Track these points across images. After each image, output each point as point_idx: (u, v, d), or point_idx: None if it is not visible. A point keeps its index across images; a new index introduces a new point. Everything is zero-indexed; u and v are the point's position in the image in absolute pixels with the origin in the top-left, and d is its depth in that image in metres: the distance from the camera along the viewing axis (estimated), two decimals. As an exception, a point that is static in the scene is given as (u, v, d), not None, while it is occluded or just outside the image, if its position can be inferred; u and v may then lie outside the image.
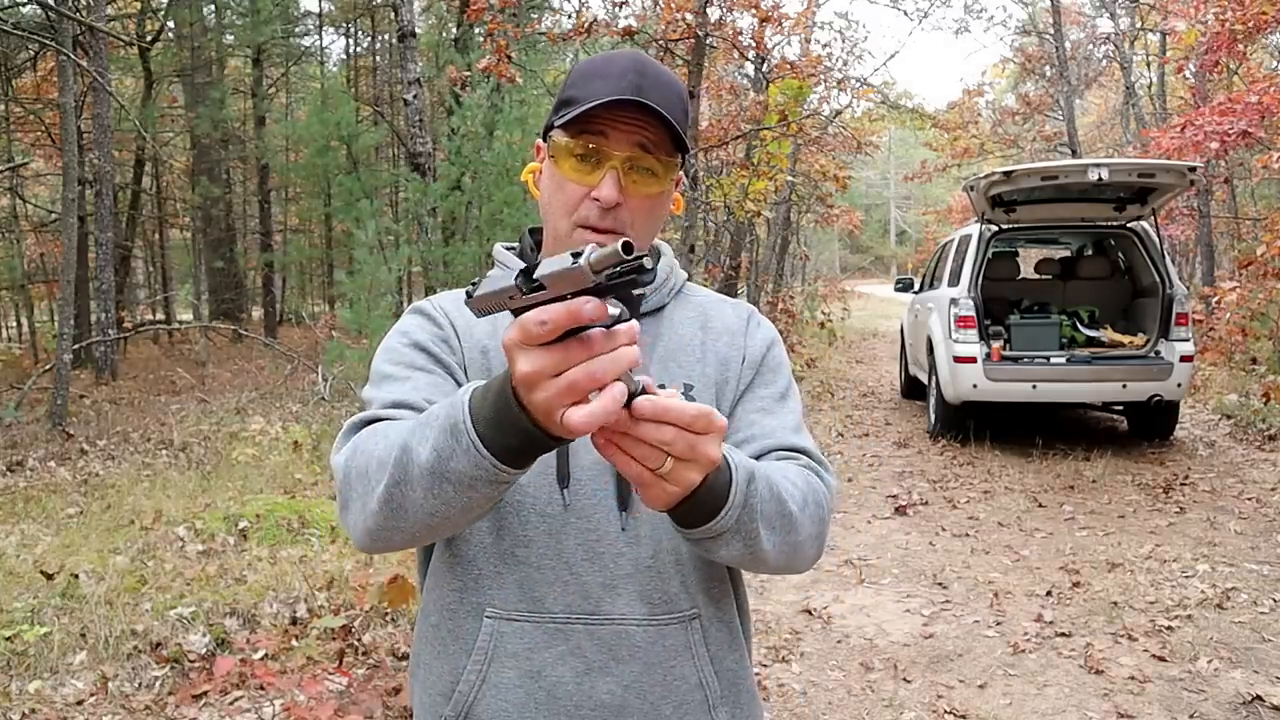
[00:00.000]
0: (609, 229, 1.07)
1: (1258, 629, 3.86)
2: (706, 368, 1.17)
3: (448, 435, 0.81)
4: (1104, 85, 23.20)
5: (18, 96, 14.32)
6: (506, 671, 1.08)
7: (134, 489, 5.88)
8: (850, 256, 52.33)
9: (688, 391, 1.14)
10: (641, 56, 1.11)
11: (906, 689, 3.41)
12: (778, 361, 1.22)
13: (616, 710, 1.08)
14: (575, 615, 1.08)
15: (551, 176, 1.10)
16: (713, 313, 1.23)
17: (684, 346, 1.17)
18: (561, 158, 1.08)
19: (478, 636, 1.09)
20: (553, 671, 1.07)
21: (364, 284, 7.34)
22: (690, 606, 1.13)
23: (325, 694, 2.98)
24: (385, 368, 1.12)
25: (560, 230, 1.10)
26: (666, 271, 1.21)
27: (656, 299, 1.19)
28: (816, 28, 17.70)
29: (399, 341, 1.14)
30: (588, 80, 1.08)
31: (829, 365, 13.88)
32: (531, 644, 1.08)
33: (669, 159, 1.09)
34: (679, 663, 1.12)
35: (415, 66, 9.37)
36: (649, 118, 1.06)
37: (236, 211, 21.12)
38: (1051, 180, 7.17)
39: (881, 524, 5.56)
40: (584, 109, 1.04)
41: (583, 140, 1.06)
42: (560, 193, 1.09)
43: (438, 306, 1.18)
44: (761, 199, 12.58)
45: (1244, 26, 9.48)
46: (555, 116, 1.10)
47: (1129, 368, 7.06)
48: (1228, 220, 15.59)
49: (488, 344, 1.13)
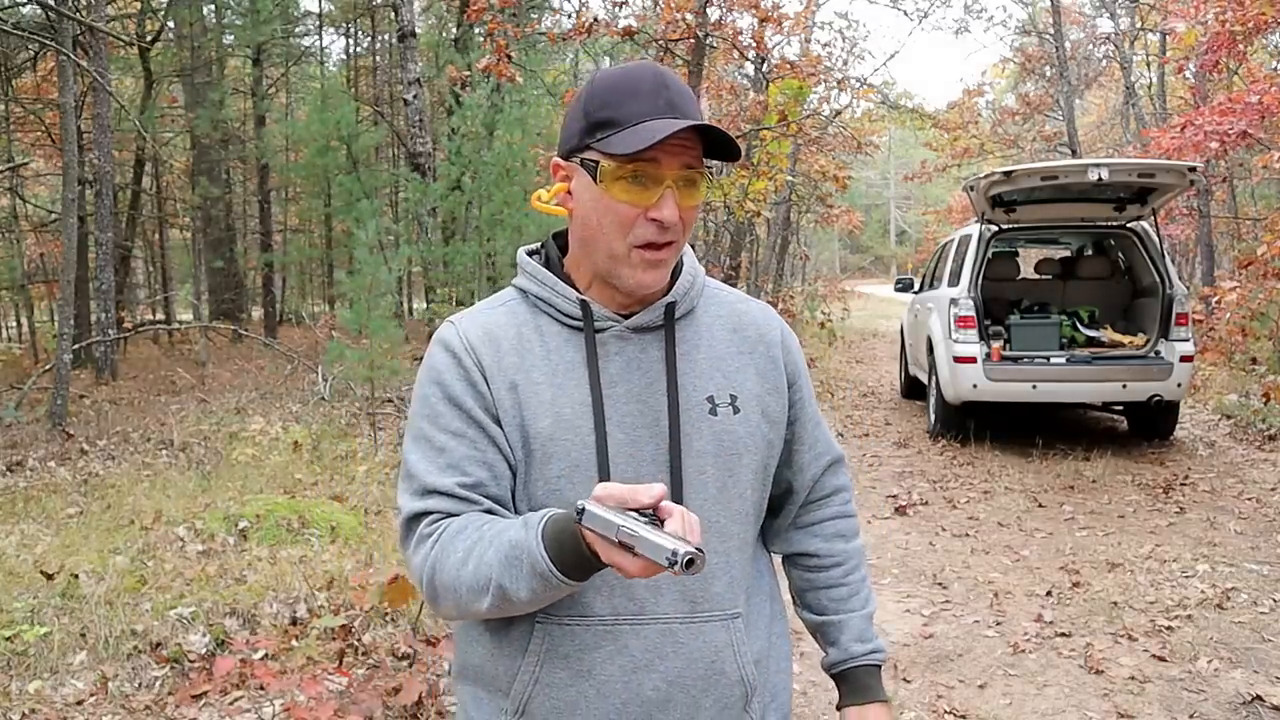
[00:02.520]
0: (667, 243, 1.11)
1: (1258, 629, 3.86)
2: (747, 380, 1.22)
3: (539, 582, 1.01)
4: (1104, 85, 23.20)
5: (18, 96, 14.31)
6: (559, 672, 1.13)
7: (134, 489, 5.88)
8: (850, 256, 52.34)
9: (734, 403, 1.19)
10: (660, 69, 1.14)
11: (906, 689, 3.42)
12: (805, 367, 1.32)
13: (661, 704, 1.13)
14: (622, 617, 1.12)
15: (599, 199, 1.10)
16: (743, 315, 1.27)
17: (724, 355, 1.22)
18: (611, 181, 1.09)
19: (530, 640, 1.13)
20: (602, 670, 1.12)
21: (364, 284, 7.34)
22: (732, 606, 1.18)
23: (325, 694, 2.98)
24: (424, 427, 1.15)
25: (617, 251, 1.12)
26: (694, 274, 1.23)
27: (687, 303, 1.21)
28: (816, 28, 17.73)
29: (434, 394, 1.15)
30: (621, 100, 1.09)
31: (829, 365, 13.87)
32: (581, 645, 1.12)
33: (703, 168, 1.12)
34: (720, 659, 1.16)
35: (415, 66, 9.37)
36: (692, 134, 1.09)
37: (236, 211, 21.10)
38: (1051, 180, 7.16)
39: (881, 524, 5.56)
40: (658, 140, 1.05)
41: (636, 165, 1.08)
42: (611, 215, 1.10)
43: (464, 341, 1.16)
44: (761, 199, 12.58)
45: (1244, 27, 9.47)
46: (593, 139, 1.10)
47: (1129, 368, 7.06)
48: (1228, 220, 15.58)
49: (516, 379, 1.14)
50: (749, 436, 1.19)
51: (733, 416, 1.18)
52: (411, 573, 1.13)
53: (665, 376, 1.16)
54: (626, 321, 1.16)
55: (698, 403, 1.17)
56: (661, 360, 1.16)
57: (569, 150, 1.14)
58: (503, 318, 1.18)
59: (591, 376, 1.14)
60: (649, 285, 1.13)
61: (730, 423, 1.18)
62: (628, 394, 1.15)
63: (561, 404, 1.13)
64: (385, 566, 4.16)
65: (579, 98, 1.15)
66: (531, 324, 1.17)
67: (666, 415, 1.14)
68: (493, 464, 1.12)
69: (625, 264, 1.12)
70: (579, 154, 1.12)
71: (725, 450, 1.17)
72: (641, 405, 1.15)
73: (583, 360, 1.15)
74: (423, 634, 3.51)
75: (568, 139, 1.14)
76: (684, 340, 1.19)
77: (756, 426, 1.20)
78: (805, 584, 1.35)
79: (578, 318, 1.16)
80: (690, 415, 1.16)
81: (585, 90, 1.14)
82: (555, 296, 1.17)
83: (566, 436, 1.12)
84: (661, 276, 1.14)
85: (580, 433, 1.12)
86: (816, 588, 1.33)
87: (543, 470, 1.12)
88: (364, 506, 5.40)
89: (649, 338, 1.17)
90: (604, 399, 1.13)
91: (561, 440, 1.12)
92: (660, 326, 1.18)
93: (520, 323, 1.18)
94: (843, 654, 1.30)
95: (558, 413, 1.12)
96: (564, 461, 1.11)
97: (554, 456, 1.12)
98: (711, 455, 1.16)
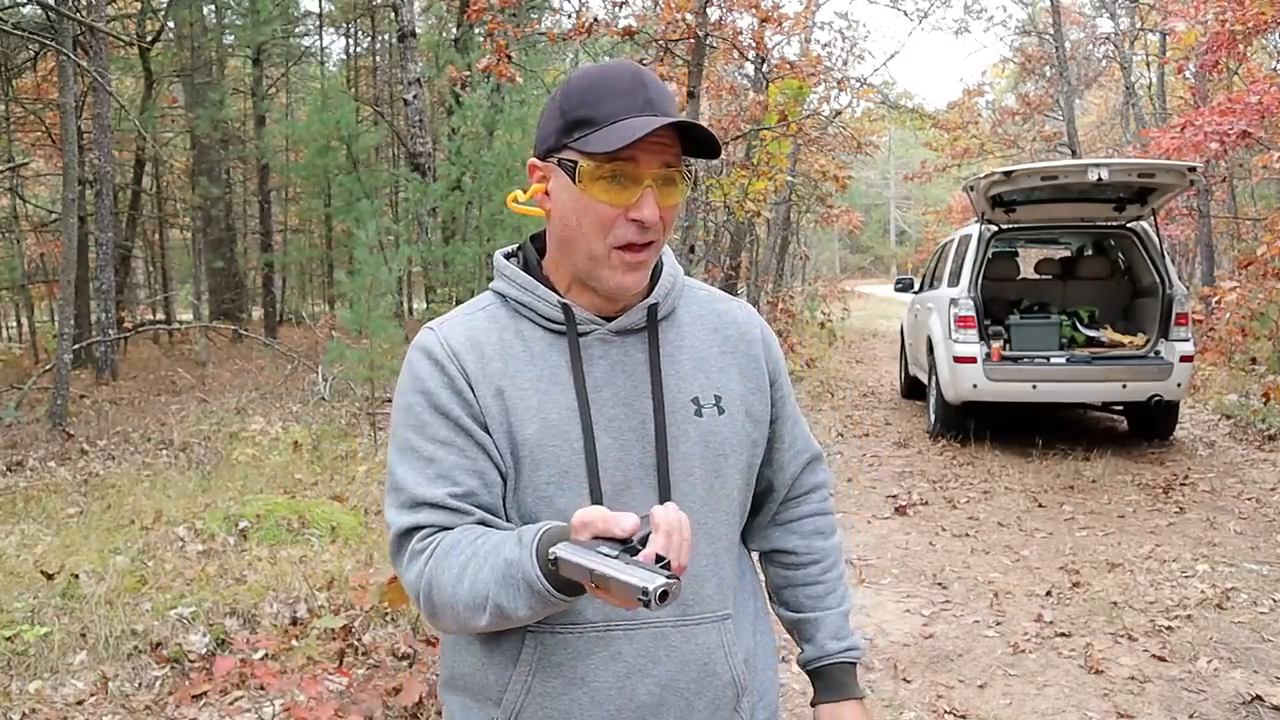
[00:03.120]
0: (647, 243, 1.10)
1: (1257, 629, 3.87)
2: (731, 380, 1.21)
3: (536, 600, 0.99)
4: (1104, 85, 23.20)
5: (18, 96, 14.31)
6: (552, 680, 1.12)
7: (134, 489, 5.88)
8: (850, 256, 52.34)
9: (718, 403, 1.18)
10: (637, 67, 1.12)
11: (906, 689, 3.42)
12: (784, 364, 1.31)
13: (655, 709, 1.13)
14: (614, 622, 1.12)
15: (577, 199, 1.08)
16: (723, 315, 1.25)
17: (707, 356, 1.21)
18: (589, 181, 1.07)
19: (521, 649, 1.12)
20: (595, 677, 1.11)
21: (364, 284, 7.34)
22: (722, 607, 1.19)
23: (325, 694, 2.98)
24: (410, 437, 1.13)
25: (596, 252, 1.10)
26: (674, 275, 1.22)
27: (668, 304, 1.20)
28: (816, 28, 17.73)
29: (418, 403, 1.13)
30: (598, 99, 1.07)
31: (829, 365, 13.88)
32: (574, 653, 1.11)
33: (683, 166, 1.11)
34: (713, 661, 1.17)
35: (415, 66, 9.38)
36: (671, 132, 1.07)
37: (236, 211, 21.10)
38: (1051, 180, 7.16)
39: (881, 524, 5.56)
40: (638, 139, 1.03)
41: (615, 164, 1.06)
42: (591, 215, 1.08)
43: (446, 348, 1.14)
44: (761, 199, 12.59)
45: (1244, 27, 9.47)
46: (570, 139, 1.08)
47: (1129, 368, 7.06)
48: (1227, 220, 15.58)
49: (502, 385, 1.12)
50: (734, 437, 1.19)
51: (718, 417, 1.18)
52: (406, 589, 1.11)
53: (650, 379, 1.15)
54: (609, 325, 1.15)
55: (683, 405, 1.16)
56: (646, 363, 1.15)
57: (546, 150, 1.12)
58: (483, 322, 1.16)
59: (577, 381, 1.12)
60: (629, 287, 1.12)
61: (716, 424, 1.17)
62: (613, 398, 1.13)
63: (548, 409, 1.11)
64: (385, 566, 4.16)
65: (554, 97, 1.12)
66: (513, 328, 1.15)
67: (653, 419, 1.14)
68: (483, 472, 1.10)
69: (605, 265, 1.10)
70: (556, 154, 1.10)
71: (712, 452, 1.17)
72: (627, 409, 1.14)
73: (567, 365, 1.13)
74: (423, 634, 3.51)
75: (544, 139, 1.12)
76: (667, 342, 1.18)
77: (741, 426, 1.20)
78: (782, 581, 1.35)
79: (560, 321, 1.14)
80: (676, 418, 1.15)
81: (561, 90, 1.12)
82: (536, 300, 1.15)
83: (555, 443, 1.10)
84: (641, 278, 1.12)
85: (568, 438, 1.11)
86: (794, 585, 1.34)
87: (531, 477, 1.10)
88: (364, 506, 5.40)
89: (632, 340, 1.16)
90: (590, 404, 1.12)
91: (550, 446, 1.10)
92: (643, 329, 1.16)
93: (502, 327, 1.16)
94: (819, 651, 1.31)
95: (545, 418, 1.11)
96: (553, 468, 1.10)
97: (542, 463, 1.10)
98: (699, 457, 1.16)
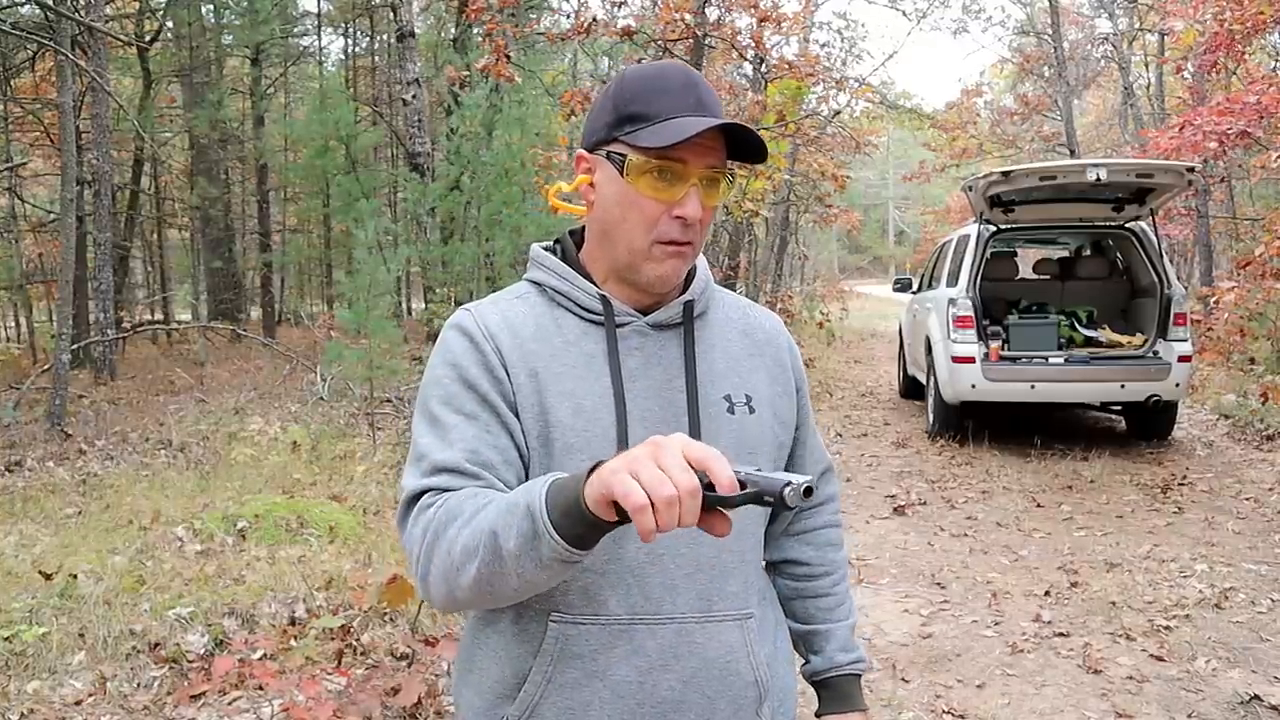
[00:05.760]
0: (689, 241, 1.12)
1: (1256, 629, 3.87)
2: (760, 382, 1.23)
3: (531, 530, 0.91)
4: (1102, 85, 23.24)
5: (16, 96, 14.30)
6: (572, 672, 1.11)
7: (132, 489, 5.88)
8: (849, 256, 52.34)
9: (749, 403, 1.20)
10: (689, 69, 1.14)
11: (905, 689, 3.42)
12: (805, 376, 1.34)
13: (676, 705, 1.12)
14: (637, 616, 1.11)
15: (623, 193, 1.10)
16: (751, 319, 1.29)
17: (738, 356, 1.23)
18: (637, 175, 1.09)
19: (543, 639, 1.12)
20: (616, 671, 1.11)
21: (363, 284, 7.33)
22: (745, 606, 1.18)
23: (324, 694, 2.98)
24: (435, 408, 1.12)
25: (638, 245, 1.11)
26: (707, 277, 1.24)
27: (702, 303, 1.22)
28: (815, 28, 17.73)
29: (448, 375, 1.13)
30: (651, 95, 1.09)
31: (827, 365, 13.88)
32: (596, 645, 1.11)
33: (727, 170, 1.12)
34: (735, 660, 1.16)
35: (414, 66, 9.38)
36: (719, 135, 1.09)
37: (235, 211, 21.09)
38: (1050, 180, 7.17)
39: (880, 524, 5.56)
40: (688, 137, 1.04)
41: (663, 160, 1.07)
42: (635, 209, 1.10)
43: (482, 326, 1.15)
44: (760, 199, 12.60)
45: (1242, 27, 9.49)
46: (621, 132, 1.10)
47: (1127, 368, 7.07)
48: (1226, 220, 15.59)
49: (536, 367, 1.13)
50: (764, 437, 1.20)
51: (748, 416, 1.19)
52: (407, 547, 1.07)
53: (684, 374, 1.16)
54: (646, 318, 1.16)
55: (716, 400, 1.17)
56: (680, 358, 1.17)
57: (595, 142, 1.13)
58: (520, 308, 1.18)
59: (613, 369, 1.13)
60: (669, 278, 1.13)
61: (746, 422, 1.19)
62: (647, 389, 1.14)
63: (582, 395, 1.12)
64: (384, 566, 4.16)
65: (607, 91, 1.14)
66: (549, 316, 1.17)
67: (686, 412, 1.14)
68: (504, 449, 1.10)
69: (646, 258, 1.12)
70: (605, 146, 1.12)
71: (744, 449, 1.17)
72: (661, 401, 1.15)
73: (603, 353, 1.14)
74: (421, 634, 3.51)
75: (594, 131, 1.14)
76: (700, 340, 1.19)
77: (770, 428, 1.21)
78: (792, 592, 1.35)
79: (598, 312, 1.15)
80: (709, 413, 1.16)
81: (614, 84, 1.14)
82: (575, 290, 1.16)
83: (588, 428, 1.11)
84: (682, 269, 1.14)
85: (602, 424, 1.11)
86: (804, 596, 1.34)
87: (563, 462, 1.10)
88: (363, 506, 5.40)
89: (668, 335, 1.17)
90: (625, 393, 1.13)
91: (583, 431, 1.11)
92: (679, 324, 1.18)
93: (539, 314, 1.17)
94: (828, 663, 1.31)
95: (579, 403, 1.11)
96: (585, 453, 1.10)
97: (574, 447, 1.10)
98: (730, 453, 1.15)
